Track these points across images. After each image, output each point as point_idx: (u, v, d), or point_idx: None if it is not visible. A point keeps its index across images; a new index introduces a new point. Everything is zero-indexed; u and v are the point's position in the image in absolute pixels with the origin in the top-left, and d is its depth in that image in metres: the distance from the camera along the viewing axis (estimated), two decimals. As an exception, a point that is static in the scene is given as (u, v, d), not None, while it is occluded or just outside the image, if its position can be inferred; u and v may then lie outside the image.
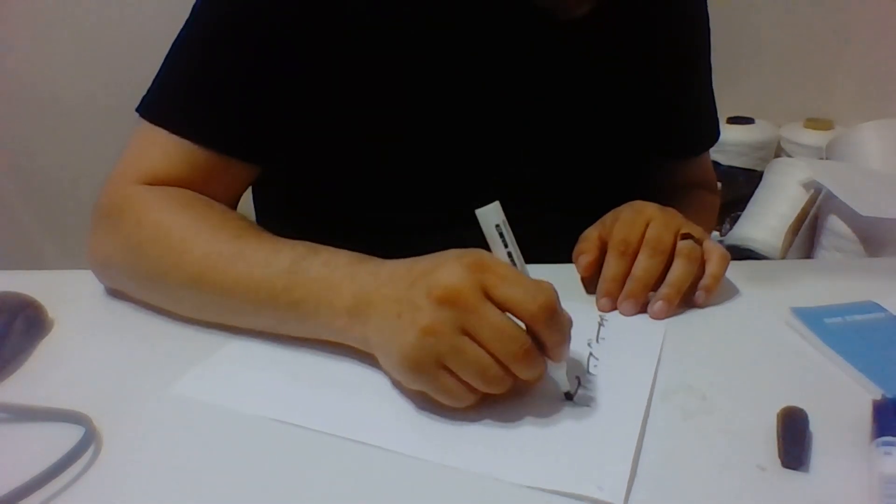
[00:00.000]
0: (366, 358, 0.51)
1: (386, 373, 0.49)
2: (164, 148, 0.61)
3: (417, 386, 0.46)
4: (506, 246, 0.46)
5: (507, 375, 0.44)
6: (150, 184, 0.60)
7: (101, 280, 0.62)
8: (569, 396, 0.47)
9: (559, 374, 0.47)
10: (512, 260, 0.46)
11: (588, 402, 0.48)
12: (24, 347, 0.53)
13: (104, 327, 0.58)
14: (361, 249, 0.53)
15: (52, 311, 0.58)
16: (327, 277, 0.51)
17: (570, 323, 0.46)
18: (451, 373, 0.44)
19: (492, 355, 0.43)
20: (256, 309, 0.53)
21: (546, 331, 0.44)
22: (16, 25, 1.64)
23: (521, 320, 0.44)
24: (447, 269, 0.45)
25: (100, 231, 0.61)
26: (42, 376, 0.51)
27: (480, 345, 0.43)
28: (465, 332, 0.43)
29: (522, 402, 0.47)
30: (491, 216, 0.46)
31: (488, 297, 0.44)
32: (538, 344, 0.45)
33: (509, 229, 0.46)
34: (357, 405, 0.47)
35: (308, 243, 0.54)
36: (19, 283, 0.57)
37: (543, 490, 0.40)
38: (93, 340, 0.56)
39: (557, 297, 0.45)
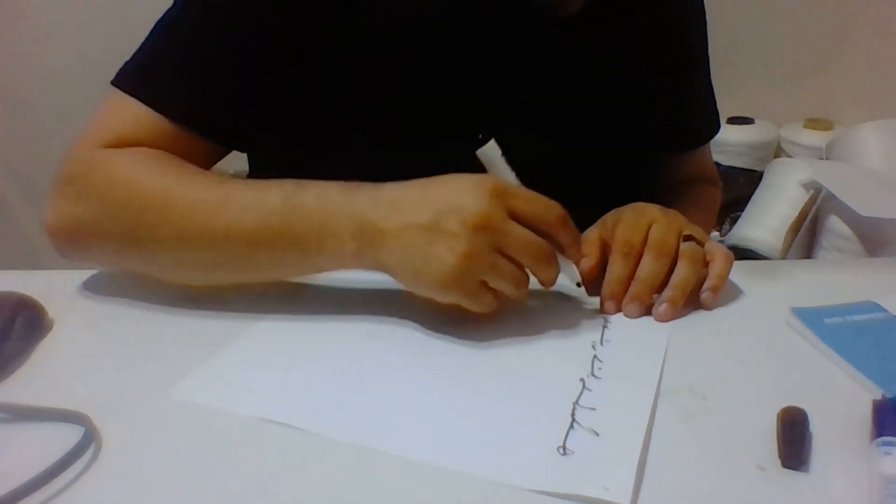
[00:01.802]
0: (366, 357, 0.51)
1: (409, 289, 0.53)
2: (133, 115, 0.60)
3: (452, 300, 0.51)
4: (512, 171, 0.55)
5: (528, 278, 0.52)
6: (116, 147, 0.59)
7: (64, 251, 0.60)
8: (579, 285, 0.58)
9: (571, 271, 0.57)
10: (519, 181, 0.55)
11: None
12: (24, 347, 0.53)
13: (104, 327, 0.58)
14: None
15: (52, 311, 0.58)
16: (324, 209, 0.52)
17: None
18: (484, 285, 0.51)
19: (520, 265, 0.51)
20: (251, 251, 0.53)
21: (564, 235, 0.53)
22: (16, 25, 1.64)
23: (544, 230, 0.52)
24: (474, 197, 0.50)
25: (64, 197, 0.59)
26: (42, 376, 0.51)
27: (511, 258, 0.51)
28: (498, 251, 0.50)
29: (528, 407, 0.47)
30: (493, 151, 0.54)
31: (513, 216, 0.50)
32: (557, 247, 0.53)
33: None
34: (358, 408, 0.47)
35: (293, 180, 0.55)
36: (19, 283, 0.57)
37: (549, 493, 0.40)
38: (93, 340, 0.56)
39: None
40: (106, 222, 0.57)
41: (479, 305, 0.52)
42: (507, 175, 0.55)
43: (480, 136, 0.53)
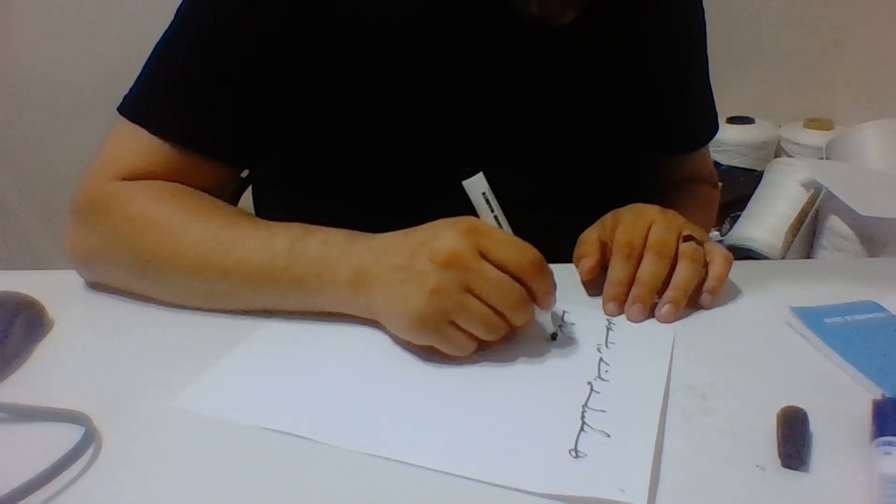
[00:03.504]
0: (370, 363, 0.51)
1: (392, 334, 0.53)
2: (142, 146, 0.61)
3: (426, 341, 0.50)
4: (492, 211, 0.53)
5: (504, 324, 0.50)
6: (128, 179, 0.61)
7: (82, 275, 0.63)
8: (554, 337, 0.54)
9: (545, 319, 0.53)
10: (498, 223, 0.53)
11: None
12: (24, 347, 0.53)
13: (104, 327, 0.58)
14: None
15: (52, 311, 0.58)
16: (326, 255, 0.54)
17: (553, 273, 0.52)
18: (456, 326, 0.49)
19: (490, 307, 0.49)
20: (257, 289, 0.56)
21: (537, 282, 0.50)
22: (17, 26, 1.64)
23: (515, 276, 0.49)
24: (445, 236, 0.50)
25: (81, 226, 0.61)
26: (42, 376, 0.51)
27: (481, 299, 0.49)
28: (468, 290, 0.49)
29: (537, 411, 0.47)
30: (477, 186, 0.52)
31: (484, 257, 0.49)
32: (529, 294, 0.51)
33: (493, 195, 0.52)
34: (363, 416, 0.46)
35: (302, 224, 0.57)
36: (19, 283, 0.57)
37: (564, 497, 0.39)
38: (93, 340, 0.56)
39: None
40: (121, 253, 0.59)
41: (452, 348, 0.50)
42: (489, 217, 0.53)
43: (468, 168, 0.53)
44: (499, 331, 0.50)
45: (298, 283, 0.54)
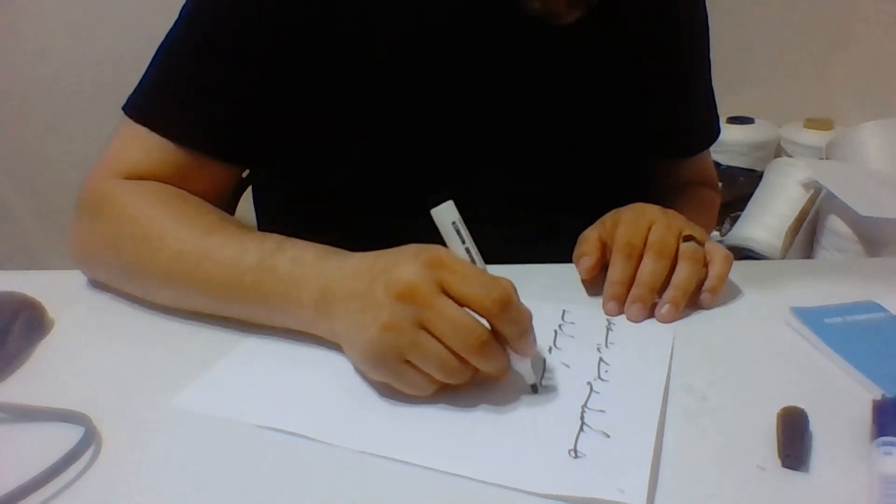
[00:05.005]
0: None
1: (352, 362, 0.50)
2: (145, 146, 0.62)
3: (380, 377, 0.47)
4: (463, 242, 0.47)
5: (465, 367, 0.45)
6: (130, 178, 0.61)
7: (82, 270, 0.63)
8: (534, 389, 0.48)
9: (522, 367, 0.48)
10: (470, 256, 0.47)
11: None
12: (24, 347, 0.53)
13: (104, 327, 0.58)
14: (359, 247, 0.53)
15: (52, 311, 0.58)
16: (293, 273, 0.52)
17: (529, 317, 0.47)
18: (413, 365, 0.45)
19: (449, 348, 0.44)
20: (227, 303, 0.55)
21: (502, 324, 0.45)
22: (17, 25, 1.64)
23: (478, 314, 0.45)
24: (405, 265, 0.46)
25: (80, 223, 0.62)
26: (42, 376, 0.51)
27: (438, 338, 0.44)
28: (423, 327, 0.44)
29: (537, 411, 0.47)
30: (446, 214, 0.47)
31: (445, 292, 0.45)
32: (499, 338, 0.46)
33: (465, 226, 0.47)
34: (362, 415, 0.46)
35: (277, 237, 0.56)
36: (19, 283, 0.57)
37: (563, 497, 0.39)
38: (93, 340, 0.56)
39: (515, 292, 0.46)
40: (108, 254, 0.60)
41: (407, 387, 0.46)
42: (459, 249, 0.47)
43: (436, 196, 0.48)
44: (458, 374, 0.45)
45: (265, 300, 0.53)
